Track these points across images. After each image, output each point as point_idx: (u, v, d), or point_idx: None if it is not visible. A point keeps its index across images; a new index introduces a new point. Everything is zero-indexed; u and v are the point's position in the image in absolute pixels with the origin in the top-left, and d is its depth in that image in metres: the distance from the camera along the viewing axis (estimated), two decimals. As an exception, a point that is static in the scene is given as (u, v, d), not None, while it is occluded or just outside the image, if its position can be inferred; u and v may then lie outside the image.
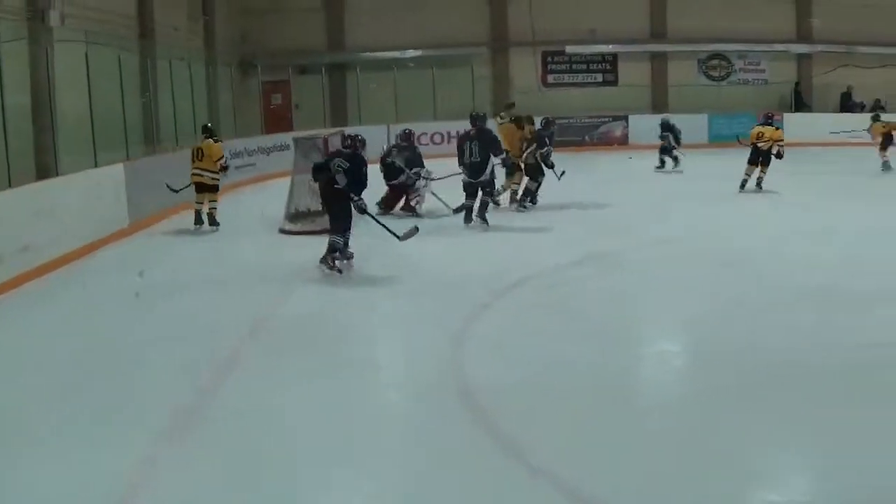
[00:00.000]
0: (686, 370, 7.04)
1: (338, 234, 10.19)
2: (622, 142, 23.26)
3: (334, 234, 10.20)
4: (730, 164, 17.38)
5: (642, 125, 24.94)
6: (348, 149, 10.45)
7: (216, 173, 13.46)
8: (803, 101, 29.02)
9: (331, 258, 10.19)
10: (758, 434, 5.35)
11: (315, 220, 13.00)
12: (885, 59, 28.23)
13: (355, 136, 10.86)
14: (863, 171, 19.01)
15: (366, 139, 11.09)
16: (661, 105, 27.90)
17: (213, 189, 13.59)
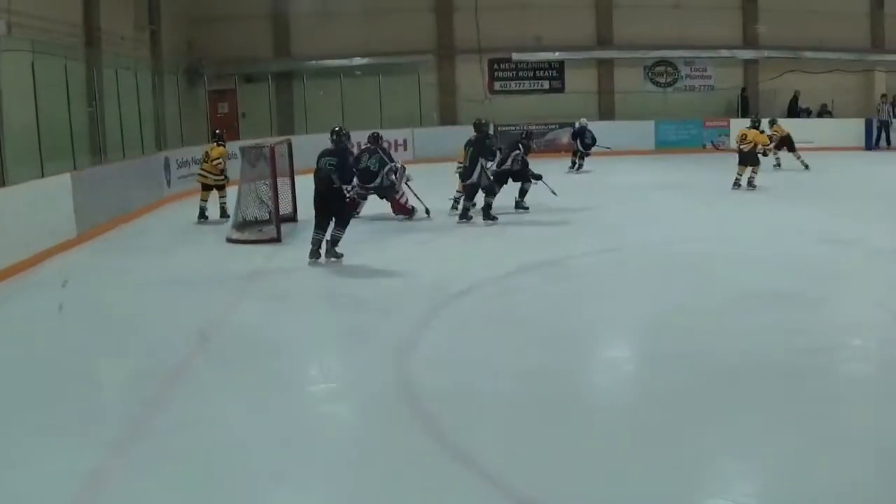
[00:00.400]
0: (634, 375, 7.13)
1: (339, 228, 11.22)
2: (569, 149, 23.53)
3: (338, 228, 11.22)
4: (675, 171, 17.76)
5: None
6: (335, 143, 11.40)
7: (218, 175, 15.41)
8: (749, 107, 29.27)
9: (333, 250, 11.20)
10: (708, 438, 5.44)
11: (262, 228, 13.13)
12: (831, 64, 28.60)
13: (340, 129, 11.61)
14: (809, 176, 19.46)
15: (349, 132, 11.78)
16: (608, 112, 28.15)
17: (219, 187, 15.62)
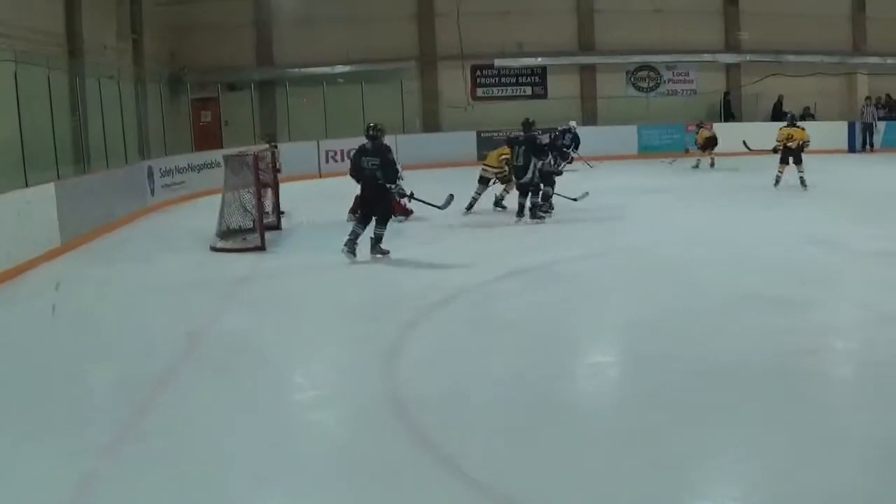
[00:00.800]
0: (622, 378, 7.20)
1: (381, 225, 11.81)
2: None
3: (379, 226, 11.81)
4: (659, 175, 17.94)
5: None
6: (371, 140, 11.85)
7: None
8: (732, 111, 29.68)
9: (378, 247, 11.76)
10: (697, 440, 5.51)
11: (246, 237, 13.22)
12: (813, 67, 28.99)
13: (376, 126, 12.01)
14: (789, 181, 19.37)
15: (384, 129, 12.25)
16: (590, 117, 28.49)
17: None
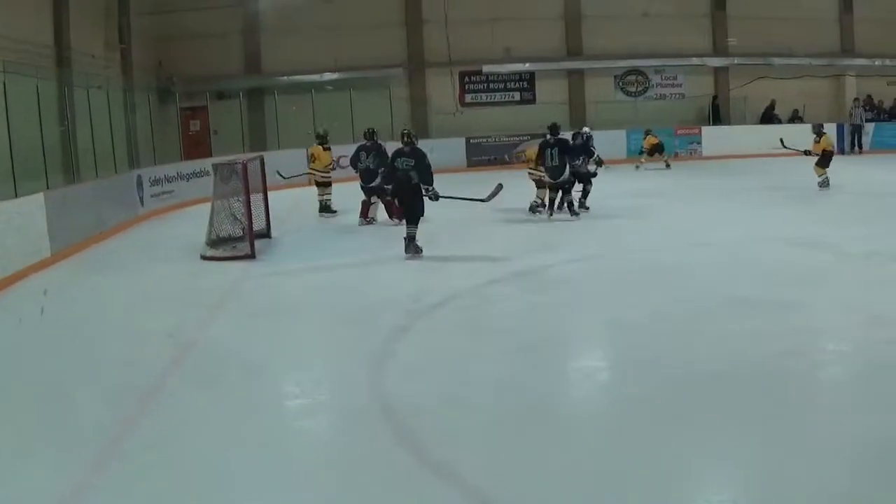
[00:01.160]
0: (612, 382, 7.24)
1: (414, 224, 12.32)
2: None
3: (411, 225, 12.33)
4: (647, 179, 18.08)
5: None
6: (407, 145, 12.51)
7: (326, 173, 17.53)
8: (720, 115, 29.91)
9: (413, 245, 12.29)
10: (687, 443, 5.55)
11: (236, 245, 13.22)
12: (801, 69, 29.32)
13: (410, 132, 12.82)
14: (780, 183, 19.76)
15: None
16: (579, 122, 28.25)
17: (326, 185, 17.47)
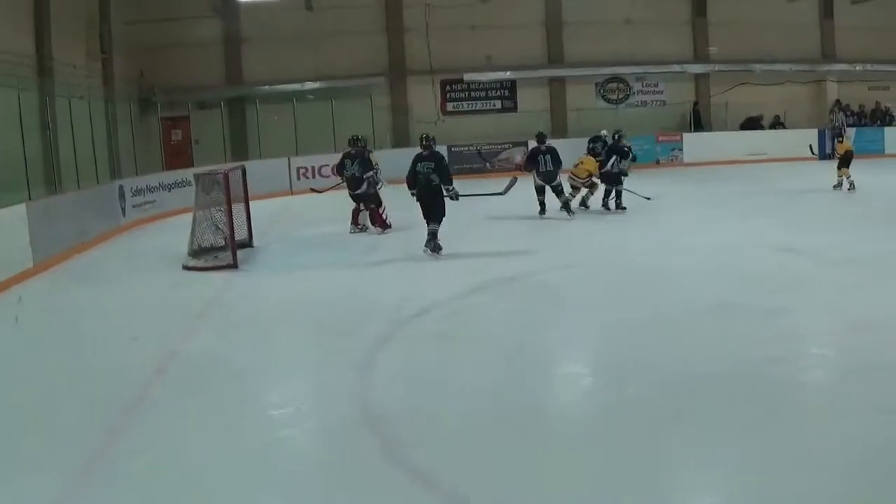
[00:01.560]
0: (593, 389, 7.32)
1: (436, 223, 13.09)
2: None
3: (434, 224, 13.08)
4: (628, 186, 18.17)
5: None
6: (426, 149, 13.29)
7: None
8: (701, 121, 30.17)
9: (433, 243, 13.05)
10: (669, 449, 5.65)
11: (218, 255, 13.31)
12: (782, 75, 29.75)
13: (428, 135, 13.61)
14: (761, 189, 20.19)
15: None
16: (560, 129, 28.77)
17: None
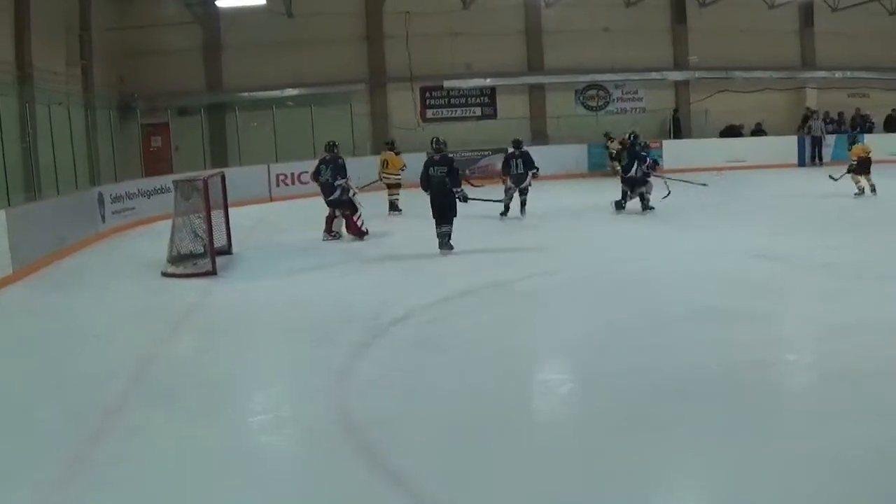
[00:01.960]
0: (575, 394, 7.33)
1: (449, 224, 13.84)
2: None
3: (445, 224, 13.84)
4: (609, 193, 18.49)
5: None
6: (439, 153, 14.04)
7: (398, 175, 20.11)
8: (681, 128, 30.47)
9: (447, 243, 13.81)
10: (651, 454, 5.61)
11: (197, 262, 13.35)
12: (762, 82, 30.09)
13: (440, 139, 14.36)
14: (741, 195, 20.43)
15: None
16: (540, 136, 29.12)
17: (396, 186, 20.05)
